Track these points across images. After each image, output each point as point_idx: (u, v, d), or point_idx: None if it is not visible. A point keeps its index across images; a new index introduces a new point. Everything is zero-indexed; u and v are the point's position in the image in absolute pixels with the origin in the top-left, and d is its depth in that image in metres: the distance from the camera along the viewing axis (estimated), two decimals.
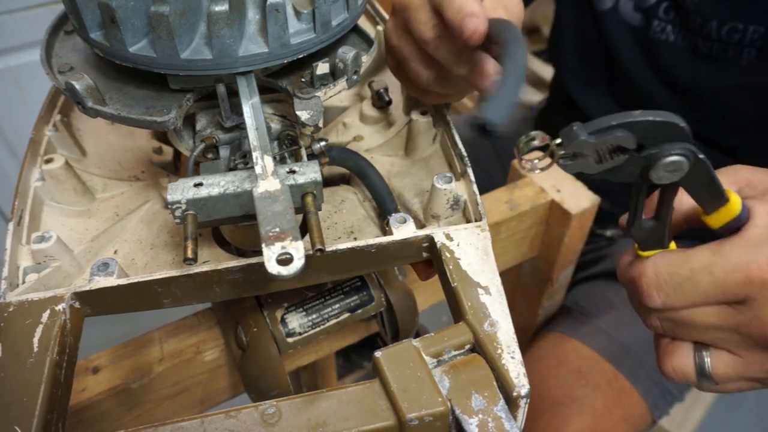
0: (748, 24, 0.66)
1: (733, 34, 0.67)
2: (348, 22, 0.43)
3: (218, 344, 0.57)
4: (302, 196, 0.39)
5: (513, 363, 0.35)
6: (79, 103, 0.40)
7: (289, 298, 0.53)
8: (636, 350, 0.82)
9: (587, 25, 0.83)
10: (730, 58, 0.69)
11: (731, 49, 0.68)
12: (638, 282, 0.39)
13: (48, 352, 0.35)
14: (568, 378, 0.79)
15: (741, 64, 0.68)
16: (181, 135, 0.46)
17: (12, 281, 0.41)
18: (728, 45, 0.68)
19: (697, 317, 0.38)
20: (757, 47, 0.66)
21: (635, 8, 0.76)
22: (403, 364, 0.35)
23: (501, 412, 0.33)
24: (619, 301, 0.88)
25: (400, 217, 0.44)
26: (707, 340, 0.39)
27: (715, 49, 0.69)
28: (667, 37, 0.73)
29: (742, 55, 0.67)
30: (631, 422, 0.79)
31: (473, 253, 0.41)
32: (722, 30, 0.67)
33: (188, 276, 0.39)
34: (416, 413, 0.32)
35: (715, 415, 1.43)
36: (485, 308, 0.38)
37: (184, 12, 0.37)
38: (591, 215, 0.70)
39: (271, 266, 0.32)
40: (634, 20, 0.77)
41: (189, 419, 0.33)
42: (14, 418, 0.32)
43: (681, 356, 0.40)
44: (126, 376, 0.53)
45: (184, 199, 0.38)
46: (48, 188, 0.49)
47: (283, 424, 0.33)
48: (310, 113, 0.41)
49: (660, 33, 0.74)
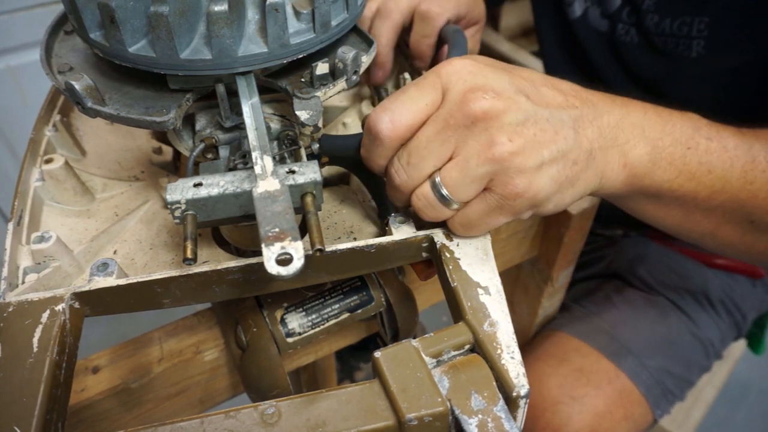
0: (694, 16, 0.69)
1: (682, 27, 0.70)
2: (347, 22, 0.43)
3: (218, 344, 0.56)
4: (302, 196, 0.39)
5: (513, 363, 0.35)
6: (78, 103, 0.40)
7: (289, 298, 0.53)
8: (637, 349, 0.82)
9: (564, 32, 0.86)
10: (683, 51, 0.71)
11: (682, 43, 0.71)
12: (370, 126, 0.41)
13: (47, 352, 0.35)
14: (569, 377, 0.79)
15: (692, 56, 0.71)
16: (180, 135, 0.46)
17: (12, 281, 0.41)
18: (679, 39, 0.71)
19: (422, 135, 0.40)
20: (704, 38, 0.69)
21: (602, 15, 0.79)
22: (402, 364, 0.35)
23: (501, 412, 0.33)
24: (620, 301, 0.89)
25: (400, 217, 0.44)
26: (437, 159, 0.40)
27: (670, 45, 0.72)
28: (632, 39, 0.76)
29: (692, 48, 0.70)
30: (632, 421, 0.79)
31: (473, 254, 0.41)
32: (674, 25, 0.71)
33: (187, 276, 0.39)
34: (416, 413, 0.32)
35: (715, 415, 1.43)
36: (485, 308, 0.38)
37: (184, 12, 0.37)
38: (591, 215, 0.70)
39: (271, 266, 0.32)
40: (601, 26, 0.80)
41: (188, 419, 0.32)
42: (14, 418, 0.32)
43: (422, 188, 0.41)
44: (126, 376, 0.53)
45: (184, 199, 0.38)
46: (48, 188, 0.49)
47: (283, 424, 0.33)
48: (310, 113, 0.41)
49: (625, 35, 0.77)
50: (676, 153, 0.44)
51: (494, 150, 0.37)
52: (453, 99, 0.39)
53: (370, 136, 0.41)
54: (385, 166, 0.42)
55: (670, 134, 0.44)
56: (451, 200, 0.40)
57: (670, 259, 0.91)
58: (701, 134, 0.44)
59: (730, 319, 0.90)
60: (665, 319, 0.87)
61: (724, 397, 1.43)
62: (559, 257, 0.73)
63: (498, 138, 0.37)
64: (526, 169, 0.38)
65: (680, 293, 0.89)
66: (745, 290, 0.91)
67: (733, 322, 0.91)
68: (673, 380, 0.84)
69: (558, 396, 0.78)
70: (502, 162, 0.37)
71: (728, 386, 1.44)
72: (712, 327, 0.88)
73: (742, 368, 1.54)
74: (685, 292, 0.89)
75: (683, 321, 0.87)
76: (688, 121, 0.45)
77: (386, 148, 0.41)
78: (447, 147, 0.39)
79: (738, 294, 0.90)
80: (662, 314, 0.87)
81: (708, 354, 0.89)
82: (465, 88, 0.38)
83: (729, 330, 0.91)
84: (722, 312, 0.90)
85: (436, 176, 0.40)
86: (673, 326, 0.86)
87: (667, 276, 0.90)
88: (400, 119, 0.39)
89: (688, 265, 0.90)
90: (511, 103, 0.38)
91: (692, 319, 0.87)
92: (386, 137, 0.40)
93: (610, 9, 0.77)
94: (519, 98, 0.39)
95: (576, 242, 0.73)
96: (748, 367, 1.59)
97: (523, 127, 0.38)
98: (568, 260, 0.76)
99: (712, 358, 0.90)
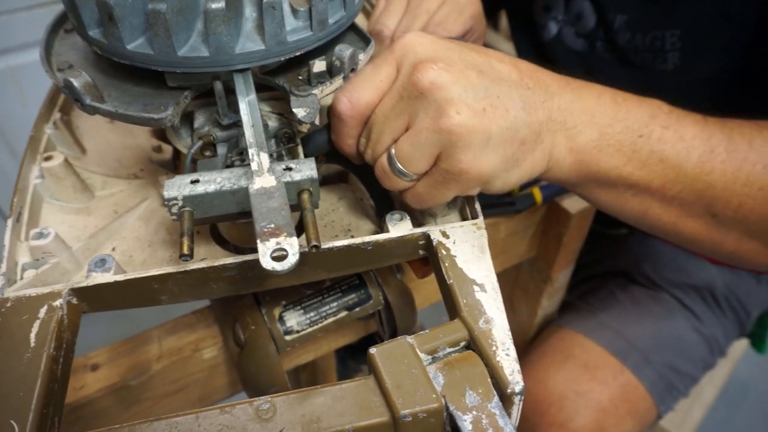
0: (664, 30, 0.69)
1: (655, 42, 0.71)
2: (345, 20, 0.43)
3: (216, 342, 0.57)
4: (298, 193, 0.39)
5: (508, 360, 0.35)
6: (77, 100, 0.40)
7: (288, 296, 0.53)
8: (642, 345, 0.83)
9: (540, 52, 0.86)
10: (659, 65, 0.72)
11: (659, 57, 0.72)
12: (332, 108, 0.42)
13: (45, 348, 0.35)
14: (574, 372, 0.80)
15: (669, 69, 0.72)
16: (179, 133, 0.47)
17: (10, 277, 0.41)
18: (655, 53, 0.72)
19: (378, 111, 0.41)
20: (679, 49, 0.70)
21: (576, 34, 0.80)
22: (397, 360, 0.35)
23: (495, 408, 0.33)
24: (625, 297, 0.89)
25: (397, 214, 0.44)
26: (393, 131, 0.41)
27: (647, 60, 0.73)
28: (610, 56, 0.77)
29: (668, 60, 0.71)
30: (637, 417, 0.80)
31: (469, 251, 0.41)
32: (645, 40, 0.71)
33: (184, 272, 0.40)
34: (410, 409, 0.32)
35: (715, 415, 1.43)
36: (480, 305, 0.38)
37: (181, 10, 0.37)
38: (590, 215, 0.70)
39: (266, 262, 0.32)
40: (576, 45, 0.80)
41: (184, 414, 0.33)
42: (10, 413, 0.32)
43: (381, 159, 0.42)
44: (125, 373, 0.53)
45: (181, 196, 0.38)
46: (47, 185, 0.49)
47: (278, 419, 0.33)
48: (307, 111, 0.41)
49: (604, 53, 0.77)
50: (626, 140, 0.43)
51: (441, 122, 0.37)
52: (405, 72, 0.39)
53: (333, 118, 0.42)
54: (353, 144, 0.43)
55: (622, 120, 0.43)
56: (405, 173, 0.40)
57: (674, 255, 0.91)
58: (657, 122, 0.44)
59: (734, 316, 0.91)
60: (670, 315, 0.87)
61: (724, 397, 1.43)
62: (559, 257, 0.73)
63: (446, 110, 0.37)
64: (472, 144, 0.38)
65: (685, 290, 0.89)
66: (749, 287, 0.91)
67: (737, 319, 0.91)
68: (677, 376, 0.84)
69: (563, 391, 0.78)
70: (449, 134, 0.38)
71: (728, 386, 1.44)
72: (716, 324, 0.89)
73: (742, 368, 1.53)
74: (689, 289, 0.89)
75: (688, 318, 0.87)
76: (646, 107, 0.44)
77: (349, 126, 0.42)
78: (402, 120, 0.40)
79: (742, 291, 0.90)
80: (667, 311, 0.87)
81: (712, 351, 0.89)
82: (416, 60, 0.39)
83: (733, 327, 0.91)
84: (726, 309, 0.90)
85: (392, 149, 0.40)
86: (678, 323, 0.87)
87: (671, 273, 0.90)
88: (358, 97, 0.41)
89: (692, 261, 0.90)
90: (460, 76, 0.38)
91: (697, 315, 0.87)
92: (347, 116, 0.41)
93: (586, 28, 0.78)
94: (469, 72, 0.39)
95: (575, 242, 0.73)
96: (748, 367, 1.59)
97: (473, 100, 0.38)
98: (568, 260, 0.76)
99: (716, 355, 0.90)
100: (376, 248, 0.42)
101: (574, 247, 0.74)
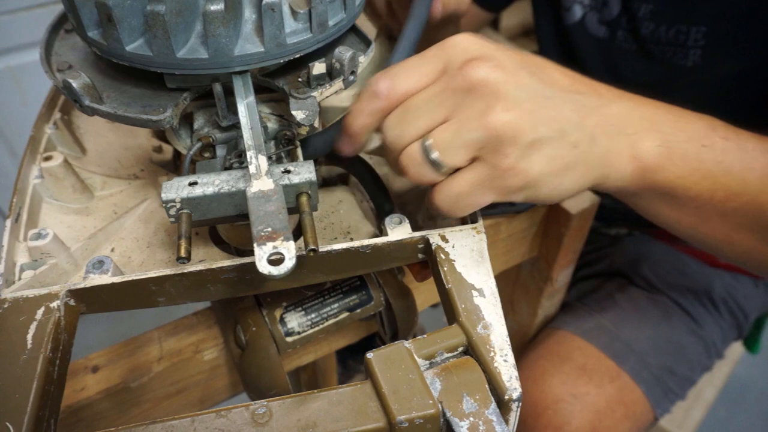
0: (690, 25, 0.68)
1: (679, 36, 0.69)
2: (345, 22, 0.43)
3: (217, 343, 0.57)
4: (297, 195, 0.39)
5: (505, 366, 0.35)
6: (76, 101, 0.40)
7: (289, 297, 0.53)
8: (639, 348, 0.82)
9: (561, 36, 0.86)
10: (679, 60, 0.71)
11: (679, 52, 0.71)
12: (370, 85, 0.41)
13: (41, 349, 0.35)
14: (570, 375, 0.79)
15: (688, 65, 0.71)
16: (179, 134, 0.46)
17: (8, 278, 0.41)
18: (676, 47, 0.71)
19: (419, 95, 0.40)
20: (701, 47, 0.69)
21: (600, 21, 0.79)
22: (394, 365, 0.35)
23: (492, 415, 0.33)
24: (623, 299, 0.89)
25: (396, 218, 0.44)
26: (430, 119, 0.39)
27: (667, 53, 0.72)
28: (630, 46, 0.76)
29: (688, 56, 0.70)
30: (634, 419, 0.80)
31: (468, 255, 0.41)
32: (669, 33, 0.70)
33: (182, 275, 0.40)
34: (406, 415, 0.32)
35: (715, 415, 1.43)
36: (479, 310, 0.38)
37: (180, 11, 0.37)
38: (591, 215, 0.70)
39: (262, 266, 0.32)
40: (599, 32, 0.79)
41: (180, 417, 0.33)
42: (6, 414, 0.32)
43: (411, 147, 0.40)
44: (125, 375, 0.53)
45: (179, 198, 0.38)
46: (47, 186, 0.49)
47: (274, 424, 0.33)
48: (306, 113, 0.41)
49: (624, 42, 0.76)
50: (690, 149, 0.41)
51: (488, 118, 0.37)
52: (455, 66, 0.38)
53: (368, 92, 0.41)
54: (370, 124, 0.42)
55: (684, 130, 0.42)
56: (439, 163, 0.39)
57: (673, 258, 0.91)
58: (718, 134, 0.42)
59: (732, 319, 0.90)
60: (668, 318, 0.87)
61: (724, 397, 1.42)
62: (559, 257, 0.73)
63: (495, 106, 0.37)
64: (519, 143, 0.37)
65: (683, 292, 0.89)
66: (747, 290, 0.90)
67: (735, 322, 0.91)
68: (674, 379, 0.84)
69: (560, 394, 0.78)
70: (495, 130, 0.37)
71: (728, 386, 1.44)
72: (714, 327, 0.88)
73: (742, 368, 1.53)
74: (688, 292, 0.89)
75: (686, 320, 0.87)
76: (703, 120, 0.43)
77: (381, 105, 0.40)
78: (442, 109, 0.39)
79: (741, 294, 0.90)
80: (665, 313, 0.87)
81: (710, 353, 0.89)
82: (468, 57, 0.38)
83: (731, 330, 0.91)
84: (725, 312, 0.89)
85: (428, 138, 0.39)
86: (676, 325, 0.86)
87: (670, 275, 0.89)
88: (400, 83, 0.40)
89: (691, 264, 0.90)
90: (511, 77, 0.38)
91: (695, 318, 0.87)
92: (384, 96, 0.40)
93: (610, 16, 0.77)
94: (520, 72, 0.38)
95: (576, 242, 0.73)
96: (748, 367, 1.59)
97: (523, 101, 0.37)
98: (568, 260, 0.76)
99: (713, 358, 0.90)
100: (374, 251, 0.42)
101: (574, 247, 0.74)
